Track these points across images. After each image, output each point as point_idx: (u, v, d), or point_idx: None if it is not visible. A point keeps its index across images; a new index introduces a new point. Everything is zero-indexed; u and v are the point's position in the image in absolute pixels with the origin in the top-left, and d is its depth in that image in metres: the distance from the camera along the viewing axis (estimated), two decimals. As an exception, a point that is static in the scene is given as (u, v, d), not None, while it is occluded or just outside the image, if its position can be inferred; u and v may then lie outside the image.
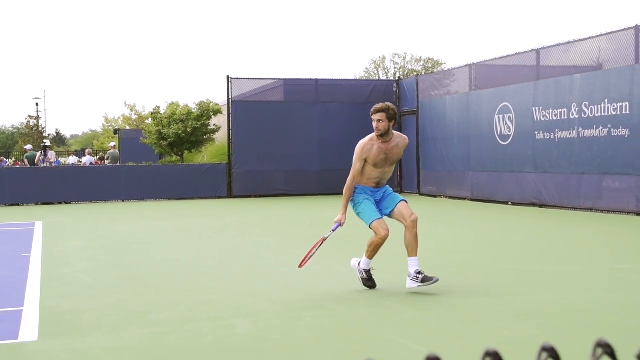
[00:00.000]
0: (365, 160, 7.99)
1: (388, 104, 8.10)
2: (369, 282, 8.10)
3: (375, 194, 8.08)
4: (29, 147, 34.03)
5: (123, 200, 24.23)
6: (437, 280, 7.59)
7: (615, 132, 16.55)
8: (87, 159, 33.17)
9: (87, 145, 71.46)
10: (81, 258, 11.40)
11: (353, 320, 6.83)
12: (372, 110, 8.08)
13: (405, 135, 8.40)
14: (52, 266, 10.54)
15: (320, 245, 8.36)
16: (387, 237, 7.83)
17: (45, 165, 30.58)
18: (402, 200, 7.99)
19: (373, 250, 8.02)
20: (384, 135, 7.89)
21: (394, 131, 8.10)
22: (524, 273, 8.75)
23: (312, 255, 8.23)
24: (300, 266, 8.13)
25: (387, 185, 8.24)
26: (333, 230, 8.40)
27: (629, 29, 16.60)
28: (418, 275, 7.63)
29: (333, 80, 27.00)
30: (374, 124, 7.94)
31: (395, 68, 62.82)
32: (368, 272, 8.11)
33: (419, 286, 7.60)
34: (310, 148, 25.23)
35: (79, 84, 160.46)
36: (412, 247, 7.78)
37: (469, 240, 12.30)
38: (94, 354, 5.86)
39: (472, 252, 7.32)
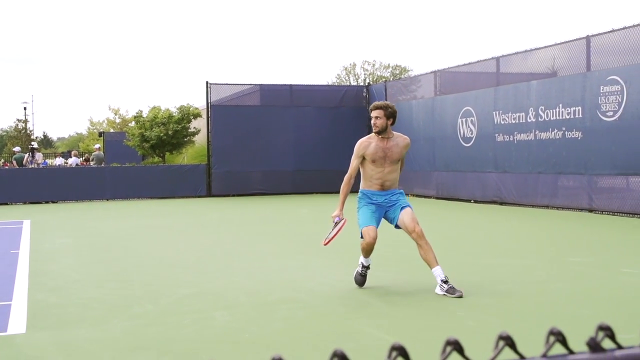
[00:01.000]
0: (364, 159, 7.68)
1: (387, 102, 7.88)
2: (360, 277, 7.80)
3: (380, 198, 7.64)
4: (17, 149, 33.77)
5: (107, 200, 24.08)
6: (461, 296, 7.06)
7: (569, 135, 16.70)
8: (73, 160, 32.91)
9: (73, 147, 70.85)
10: (67, 254, 11.32)
11: (326, 312, 6.82)
12: (370, 107, 7.83)
13: (406, 136, 7.98)
14: (39, 262, 10.45)
15: (343, 226, 7.84)
16: (373, 243, 7.51)
17: (33, 166, 30.30)
18: (405, 207, 7.59)
19: (363, 252, 7.71)
20: (381, 133, 7.58)
21: (395, 132, 7.79)
22: (485, 266, 8.80)
23: (334, 236, 7.80)
24: (325, 244, 7.87)
25: (399, 191, 7.79)
26: (335, 223, 7.84)
27: (581, 39, 16.78)
28: (444, 285, 7.17)
29: (306, 85, 26.98)
30: (372, 121, 7.65)
31: (365, 74, 62.92)
32: (366, 268, 7.80)
33: (444, 295, 7.18)
34: (285, 149, 25.19)
35: (65, 89, 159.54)
36: (429, 261, 7.31)
37: (434, 236, 12.33)
38: (80, 345, 5.82)
39: (436, 247, 7.34)
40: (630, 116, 15.08)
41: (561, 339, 1.03)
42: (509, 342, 1.03)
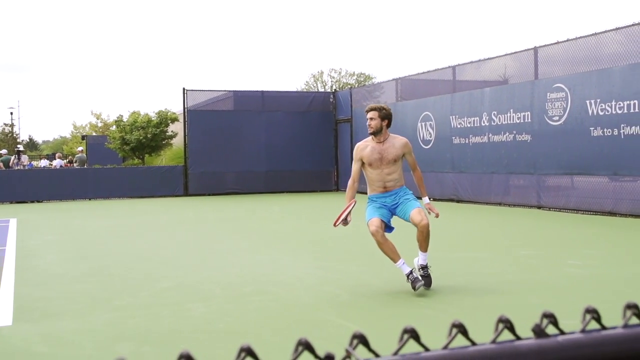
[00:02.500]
0: (363, 163, 7.32)
1: (383, 104, 7.48)
2: (414, 282, 6.87)
3: (385, 199, 7.23)
4: (3, 151, 33.33)
5: (90, 199, 23.86)
6: (422, 285, 6.79)
7: (519, 138, 16.86)
8: (57, 162, 32.59)
9: (57, 149, 70.03)
10: (52, 251, 11.21)
11: (295, 303, 6.82)
12: (366, 108, 7.46)
13: (404, 137, 7.53)
14: (25, 258, 10.34)
15: (353, 206, 7.24)
16: (375, 233, 6.97)
17: (19, 167, 29.95)
18: (415, 207, 7.06)
19: (385, 253, 7.07)
20: (376, 134, 7.22)
21: (392, 134, 7.41)
22: (443, 259, 8.85)
23: (342, 214, 7.20)
24: (335, 224, 7.22)
25: (403, 189, 7.30)
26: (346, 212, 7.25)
27: (529, 49, 16.96)
28: (414, 272, 6.91)
29: (277, 91, 26.85)
30: (367, 122, 7.29)
31: (331, 81, 63.00)
32: (411, 274, 6.94)
33: (408, 281, 6.89)
34: (258, 151, 25.12)
35: (49, 94, 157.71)
36: (421, 244, 7.03)
37: (395, 232, 12.38)
38: (63, 336, 5.78)
39: (397, 241, 7.35)
40: (574, 120, 15.27)
41: (509, 325, 1.05)
42: (462, 329, 1.04)
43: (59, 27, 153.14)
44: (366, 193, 7.40)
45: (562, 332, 1.08)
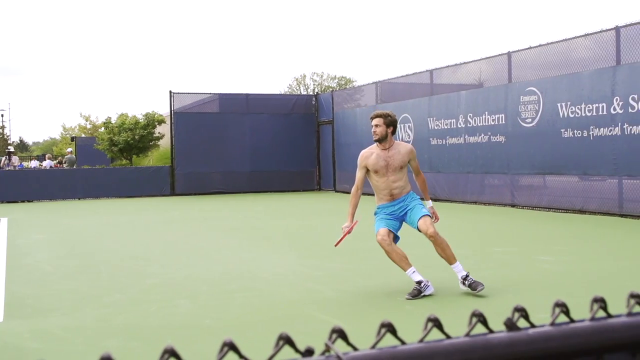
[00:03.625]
0: (368, 170, 6.98)
1: (388, 111, 7.13)
2: (415, 292, 6.68)
3: (393, 208, 6.95)
4: (-5, 153, 33.13)
5: (79, 199, 23.70)
6: (483, 288, 6.52)
7: (494, 139, 16.95)
8: (47, 163, 32.40)
9: (47, 150, 69.57)
10: (42, 249, 11.14)
11: (278, 299, 6.82)
12: (371, 115, 7.11)
13: (408, 144, 7.23)
14: (15, 256, 10.28)
15: (353, 228, 7.01)
16: (381, 242, 6.75)
17: (9, 168, 29.72)
18: (423, 215, 6.75)
19: (394, 261, 6.82)
20: (381, 141, 6.89)
21: (396, 140, 7.08)
22: (421, 256, 8.88)
23: (344, 236, 6.98)
24: (336, 245, 7.11)
25: (410, 195, 7.00)
26: (347, 229, 7.03)
27: (503, 54, 17.05)
28: (464, 282, 6.60)
29: (261, 94, 26.83)
30: (372, 129, 6.97)
31: (314, 84, 62.95)
32: (418, 284, 6.68)
33: (468, 290, 6.65)
34: (242, 152, 25.06)
35: (40, 97, 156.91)
36: (447, 258, 6.70)
37: (374, 230, 12.38)
38: (54, 332, 5.75)
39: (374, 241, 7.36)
40: (546, 122, 15.36)
41: (482, 319, 1.06)
42: (437, 323, 1.05)
43: (49, 31, 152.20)
44: (371, 194, 7.16)
45: (532, 325, 1.09)
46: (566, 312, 1.16)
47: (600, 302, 1.16)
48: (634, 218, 13.27)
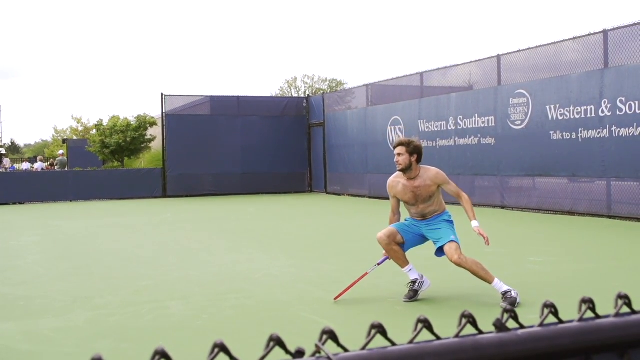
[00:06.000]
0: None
1: (412, 138, 6.55)
2: (411, 293, 6.58)
3: (420, 223, 6.59)
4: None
5: (71, 201, 23.62)
6: (516, 302, 6.10)
7: (484, 141, 16.99)
8: (38, 165, 32.23)
9: (39, 153, 69.28)
10: (33, 251, 11.08)
11: (269, 301, 6.81)
12: (394, 144, 6.59)
13: (436, 169, 6.62)
14: (7, 258, 10.24)
15: (361, 279, 6.80)
16: (379, 239, 6.54)
17: (1, 170, 29.58)
18: (446, 242, 6.35)
19: (392, 259, 6.68)
20: (405, 171, 6.42)
21: (423, 166, 6.54)
22: (412, 258, 8.89)
23: (350, 288, 6.71)
24: (335, 298, 6.60)
25: (443, 216, 6.60)
26: (378, 264, 6.83)
27: (493, 57, 17.10)
28: (504, 299, 6.12)
29: (252, 97, 26.82)
30: (395, 158, 6.45)
31: (305, 87, 62.93)
32: (412, 284, 6.61)
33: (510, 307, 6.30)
34: (234, 154, 25.05)
35: (31, 99, 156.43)
36: (483, 278, 6.27)
37: (365, 231, 12.42)
38: (45, 334, 5.73)
39: (369, 240, 7.36)
40: (535, 125, 15.41)
41: (472, 320, 1.06)
42: (427, 324, 1.05)
43: (41, 33, 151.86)
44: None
45: (521, 326, 1.09)
46: (555, 312, 1.17)
47: (589, 302, 1.16)
48: (622, 219, 13.31)
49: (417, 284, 6.61)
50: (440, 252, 6.52)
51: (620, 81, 13.46)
